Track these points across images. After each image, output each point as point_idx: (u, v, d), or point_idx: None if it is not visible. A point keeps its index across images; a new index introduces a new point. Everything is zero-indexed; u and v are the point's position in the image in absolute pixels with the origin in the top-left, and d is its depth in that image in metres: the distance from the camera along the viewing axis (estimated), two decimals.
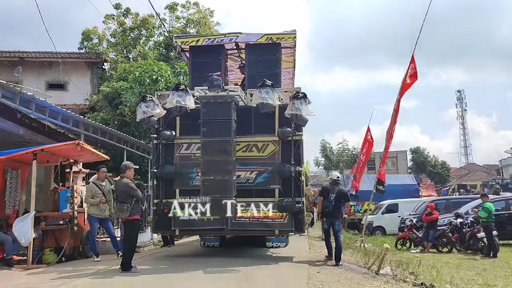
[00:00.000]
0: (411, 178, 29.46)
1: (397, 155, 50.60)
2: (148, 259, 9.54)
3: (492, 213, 12.77)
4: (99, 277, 7.25)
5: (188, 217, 9.17)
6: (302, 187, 9.33)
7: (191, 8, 24.64)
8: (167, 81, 17.09)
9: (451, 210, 17.31)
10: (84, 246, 9.89)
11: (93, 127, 12.78)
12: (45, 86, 21.25)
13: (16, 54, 21.66)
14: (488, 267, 10.42)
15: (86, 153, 10.16)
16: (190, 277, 7.29)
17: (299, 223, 9.10)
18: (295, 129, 9.21)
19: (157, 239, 13.61)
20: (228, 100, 8.80)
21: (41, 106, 10.26)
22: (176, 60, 21.37)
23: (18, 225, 8.48)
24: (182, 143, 9.55)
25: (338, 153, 34.74)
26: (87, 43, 22.92)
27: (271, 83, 8.63)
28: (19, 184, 10.36)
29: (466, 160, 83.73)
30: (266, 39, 10.10)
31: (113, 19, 23.85)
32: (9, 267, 8.38)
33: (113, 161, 14.04)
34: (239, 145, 9.21)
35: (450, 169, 58.40)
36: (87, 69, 22.85)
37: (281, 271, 7.77)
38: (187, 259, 9.51)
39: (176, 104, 8.72)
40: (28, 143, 10.65)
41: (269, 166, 9.25)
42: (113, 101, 17.76)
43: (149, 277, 7.31)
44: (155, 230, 10.28)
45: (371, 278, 7.80)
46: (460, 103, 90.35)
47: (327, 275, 7.39)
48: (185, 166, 9.44)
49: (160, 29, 23.77)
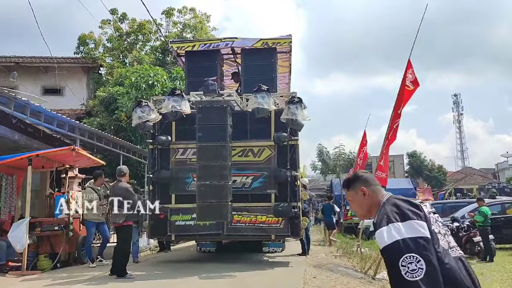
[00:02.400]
0: (407, 182, 29.44)
1: (393, 159, 50.66)
2: (144, 265, 9.50)
3: (488, 217, 12.79)
4: (94, 284, 7.21)
5: (184, 222, 9.16)
6: (298, 191, 9.33)
7: (188, 13, 24.71)
8: (163, 86, 17.07)
9: (448, 214, 17.30)
10: (79, 252, 9.83)
11: (89, 132, 12.75)
12: (41, 91, 21.18)
13: (11, 59, 21.59)
14: (485, 271, 10.40)
15: (82, 158, 10.12)
16: (186, 282, 7.26)
17: (295, 227, 9.11)
18: (291, 134, 9.22)
19: (153, 244, 13.56)
20: (223, 105, 8.80)
21: (36, 111, 10.23)
22: (172, 65, 21.38)
23: (14, 231, 8.42)
24: (178, 148, 9.54)
25: (334, 158, 34.69)
26: (83, 48, 22.92)
27: (267, 88, 8.64)
28: (14, 190, 10.32)
29: (462, 164, 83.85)
30: (262, 44, 10.11)
31: (109, 24, 23.86)
32: (3, 274, 8.31)
33: (109, 166, 14.00)
34: (235, 150, 9.20)
35: (446, 173, 58.48)
36: (83, 74, 22.81)
37: (277, 276, 7.75)
38: (183, 265, 9.48)
39: (172, 109, 8.71)
40: (24, 149, 10.61)
41: (265, 171, 9.25)
42: (109, 106, 17.73)
43: (145, 283, 7.27)
44: (151, 235, 10.25)
45: (368, 283, 7.79)
46: (457, 107, 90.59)
47: (323, 280, 7.37)
48: (181, 171, 9.42)
49: (156, 34, 23.79)
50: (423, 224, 2.06)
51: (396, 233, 2.01)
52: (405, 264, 1.94)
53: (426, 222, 2.09)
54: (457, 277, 2.08)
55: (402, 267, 1.93)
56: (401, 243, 1.98)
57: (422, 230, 2.02)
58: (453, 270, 2.08)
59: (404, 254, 1.95)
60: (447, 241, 2.19)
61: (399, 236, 2.00)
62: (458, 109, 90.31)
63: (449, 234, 2.28)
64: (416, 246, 1.97)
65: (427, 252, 1.97)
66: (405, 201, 2.20)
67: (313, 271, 8.30)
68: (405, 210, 2.10)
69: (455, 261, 2.13)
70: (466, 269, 2.16)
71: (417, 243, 1.98)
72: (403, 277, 1.93)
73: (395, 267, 1.96)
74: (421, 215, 2.10)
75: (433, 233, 2.10)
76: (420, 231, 2.02)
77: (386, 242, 2.02)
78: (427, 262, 1.94)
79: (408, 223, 2.04)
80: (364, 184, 2.40)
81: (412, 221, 2.05)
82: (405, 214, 2.08)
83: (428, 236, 2.03)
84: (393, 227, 2.03)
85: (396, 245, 1.99)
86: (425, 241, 2.00)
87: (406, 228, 2.02)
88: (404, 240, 1.98)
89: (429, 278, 1.92)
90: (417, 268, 1.92)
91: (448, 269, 2.06)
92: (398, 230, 2.01)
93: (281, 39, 10.28)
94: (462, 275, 2.11)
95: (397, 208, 2.12)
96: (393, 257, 1.98)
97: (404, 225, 2.03)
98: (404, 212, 2.09)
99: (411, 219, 2.05)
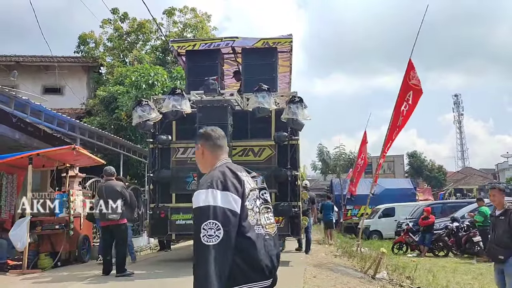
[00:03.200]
0: (407, 182, 29.50)
1: (394, 159, 50.68)
2: (144, 264, 9.52)
3: (488, 217, 12.79)
4: (94, 282, 7.22)
5: (184, 221, 9.16)
6: (298, 191, 9.34)
7: (189, 13, 24.68)
8: (163, 85, 17.07)
9: (447, 214, 17.32)
10: (80, 250, 9.85)
11: (89, 131, 12.75)
12: (41, 90, 21.15)
13: (12, 58, 21.58)
14: (485, 272, 10.40)
15: (82, 157, 10.12)
16: (186, 281, 7.24)
17: (295, 227, 9.11)
18: (291, 134, 9.22)
19: (153, 244, 13.57)
20: (224, 104, 8.80)
21: (36, 110, 10.24)
22: (172, 64, 21.37)
23: (15, 230, 8.43)
24: (179, 148, 9.54)
25: (335, 157, 34.67)
26: (84, 47, 22.88)
27: (267, 88, 8.63)
28: (14, 189, 10.32)
29: (462, 164, 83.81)
30: (262, 43, 10.11)
31: (110, 24, 23.84)
32: (4, 272, 8.33)
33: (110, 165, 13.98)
34: (235, 150, 9.21)
35: (446, 173, 58.46)
36: (84, 73, 22.79)
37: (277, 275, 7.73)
38: (183, 264, 9.47)
39: (172, 108, 8.71)
40: (24, 148, 10.61)
41: (265, 170, 9.22)
42: (110, 105, 17.72)
43: (145, 282, 7.28)
44: (152, 235, 10.26)
45: (368, 283, 7.79)
46: (457, 107, 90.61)
47: (323, 280, 7.38)
48: (181, 170, 9.42)
49: (157, 34, 23.78)
50: (237, 200, 2.20)
51: (211, 199, 2.15)
52: (206, 229, 2.10)
53: (242, 198, 2.23)
54: (254, 251, 2.21)
55: (203, 230, 2.10)
56: (211, 209, 2.13)
57: (234, 204, 2.18)
58: (251, 244, 2.21)
59: (209, 219, 2.11)
60: (257, 219, 2.32)
61: (213, 202, 2.14)
62: (458, 109, 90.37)
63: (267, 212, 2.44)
64: (223, 216, 2.12)
65: (229, 224, 2.13)
66: (233, 173, 2.31)
67: (313, 270, 8.31)
68: (228, 181, 2.23)
69: (257, 237, 2.25)
70: (267, 249, 2.29)
71: (224, 213, 2.13)
72: (200, 239, 2.09)
73: (198, 229, 2.12)
74: (240, 191, 2.24)
75: (245, 209, 2.24)
76: (232, 204, 2.17)
77: (200, 204, 2.16)
78: (225, 233, 2.10)
79: (225, 193, 2.18)
80: (204, 142, 2.50)
81: (230, 193, 2.19)
82: (227, 184, 2.22)
83: (237, 211, 2.18)
84: (211, 193, 2.17)
85: (207, 209, 2.13)
86: (233, 215, 2.16)
87: (222, 198, 2.16)
88: (215, 207, 2.13)
89: (221, 246, 2.08)
90: (214, 235, 2.09)
91: (247, 242, 2.20)
92: (215, 197, 2.16)
93: (282, 38, 10.28)
94: (262, 253, 2.24)
95: (223, 177, 2.25)
96: (200, 219, 2.13)
97: (222, 194, 2.17)
98: (226, 183, 2.22)
99: (229, 191, 2.20)
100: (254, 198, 2.36)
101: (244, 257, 2.18)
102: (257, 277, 2.23)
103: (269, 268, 2.29)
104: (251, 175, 2.47)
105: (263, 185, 2.51)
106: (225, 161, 2.44)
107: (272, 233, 2.41)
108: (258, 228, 2.29)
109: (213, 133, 2.52)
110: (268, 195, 2.54)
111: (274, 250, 2.36)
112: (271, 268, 2.31)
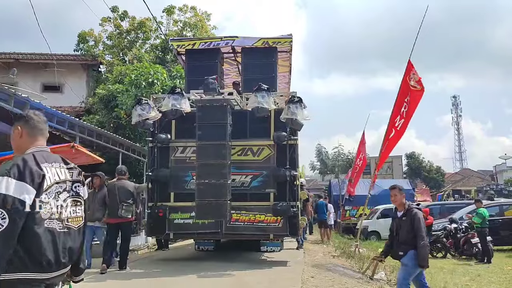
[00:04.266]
0: (406, 183, 29.49)
1: (392, 160, 50.70)
2: (142, 263, 9.50)
3: (486, 219, 12.81)
4: (93, 281, 7.22)
5: (183, 220, 9.16)
6: (297, 191, 9.33)
7: (188, 11, 24.63)
8: (163, 84, 17.04)
9: (446, 216, 17.34)
10: None
11: (89, 129, 12.71)
12: (41, 88, 21.12)
13: (11, 55, 21.53)
14: (482, 273, 10.43)
15: (81, 155, 10.06)
16: (184, 281, 7.26)
17: (293, 227, 9.11)
18: (290, 134, 9.22)
19: (151, 243, 13.55)
20: (223, 103, 8.80)
21: (36, 108, 10.20)
22: (172, 63, 21.33)
23: None
24: (178, 147, 9.54)
25: (333, 158, 34.68)
26: (83, 45, 22.84)
27: (266, 87, 8.64)
28: None
29: (461, 165, 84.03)
30: (262, 43, 10.12)
31: (109, 22, 23.80)
32: None
33: (108, 163, 13.98)
34: (234, 149, 9.20)
35: (445, 174, 58.56)
36: (83, 71, 22.76)
37: (276, 275, 7.74)
38: (181, 263, 9.48)
39: (172, 107, 8.71)
40: None
41: (264, 170, 9.25)
42: (109, 103, 17.69)
43: (143, 281, 7.28)
44: (150, 234, 10.25)
45: (365, 283, 7.79)
46: (455, 108, 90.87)
47: (322, 280, 7.39)
48: (180, 169, 9.42)
49: (156, 32, 23.74)
50: (31, 190, 2.24)
51: (4, 187, 2.18)
52: None
53: (38, 190, 2.26)
54: (37, 245, 2.25)
55: None
56: (1, 197, 2.17)
57: (26, 195, 2.21)
58: (35, 237, 2.25)
59: None
60: (54, 212, 2.35)
61: (5, 191, 2.17)
62: (457, 110, 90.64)
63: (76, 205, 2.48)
64: (11, 205, 2.16)
65: (16, 213, 2.17)
66: (37, 163, 2.32)
67: (311, 270, 8.31)
68: (26, 171, 2.26)
69: (44, 231, 2.28)
70: (60, 242, 2.34)
71: (13, 203, 2.17)
72: None
73: None
74: (36, 182, 2.27)
75: (39, 202, 2.27)
76: (24, 195, 2.20)
77: None
78: (10, 221, 2.14)
79: (19, 183, 2.21)
80: (24, 124, 2.53)
81: (25, 184, 2.22)
82: (24, 174, 2.24)
83: (28, 201, 2.21)
84: (6, 181, 2.19)
85: None
86: (22, 205, 2.19)
87: (15, 187, 2.19)
88: (6, 196, 2.17)
89: (4, 235, 2.12)
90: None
91: (31, 235, 2.24)
92: (8, 185, 2.19)
93: (282, 38, 10.28)
94: (46, 247, 2.27)
95: (23, 165, 2.27)
96: None
97: (16, 183, 2.20)
98: (24, 173, 2.25)
99: (24, 181, 2.22)
100: (58, 191, 2.39)
101: (25, 248, 2.21)
102: (35, 269, 2.26)
103: (52, 262, 2.31)
104: (68, 166, 2.51)
105: (78, 177, 2.55)
106: (37, 149, 2.47)
107: (75, 227, 2.46)
108: (51, 222, 2.33)
109: (36, 116, 2.55)
110: (82, 189, 2.57)
111: (72, 243, 2.41)
112: (55, 262, 2.32)
